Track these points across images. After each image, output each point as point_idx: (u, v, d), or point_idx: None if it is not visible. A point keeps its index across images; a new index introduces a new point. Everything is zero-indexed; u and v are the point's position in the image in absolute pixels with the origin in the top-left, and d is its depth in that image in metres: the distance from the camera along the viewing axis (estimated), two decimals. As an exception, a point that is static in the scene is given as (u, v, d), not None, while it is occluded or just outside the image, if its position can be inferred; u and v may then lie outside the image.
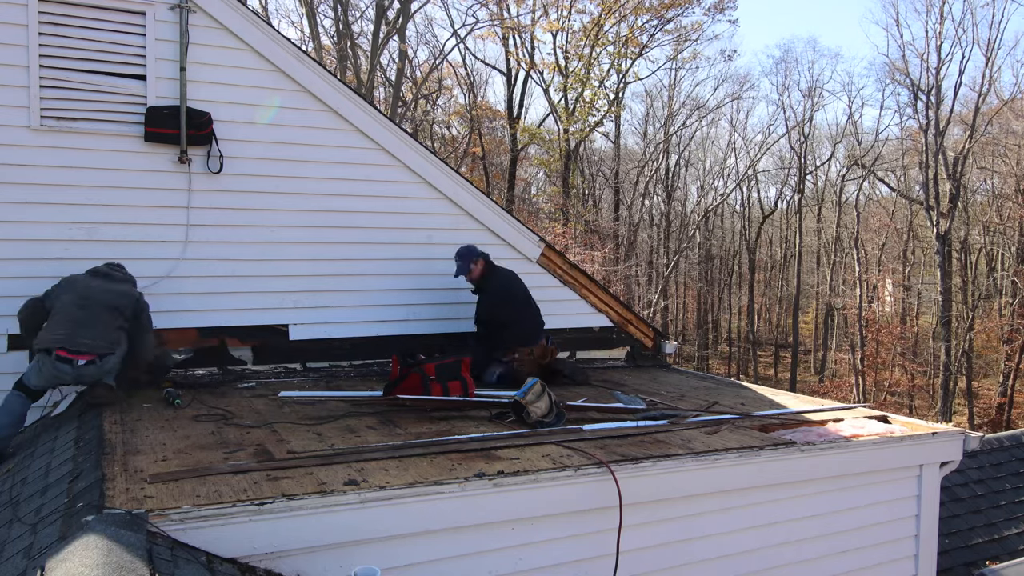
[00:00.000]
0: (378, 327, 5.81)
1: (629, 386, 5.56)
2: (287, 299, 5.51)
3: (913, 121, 30.69)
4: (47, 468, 3.30)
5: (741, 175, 37.44)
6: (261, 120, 5.36)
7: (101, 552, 2.00)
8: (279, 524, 2.58)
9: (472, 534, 2.98)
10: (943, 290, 26.82)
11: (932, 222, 27.36)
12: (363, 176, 5.71)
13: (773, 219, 41.93)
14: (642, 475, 3.27)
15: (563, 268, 6.53)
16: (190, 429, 3.71)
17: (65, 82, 4.86)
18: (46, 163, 4.83)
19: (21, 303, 4.74)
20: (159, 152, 5.10)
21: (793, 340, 35.76)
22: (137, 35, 5.02)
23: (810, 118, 35.56)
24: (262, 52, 5.29)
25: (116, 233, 5.02)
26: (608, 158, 34.44)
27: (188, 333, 5.25)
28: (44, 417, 4.60)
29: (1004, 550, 6.22)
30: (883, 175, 35.05)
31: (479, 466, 3.12)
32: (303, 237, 5.52)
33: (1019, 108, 28.77)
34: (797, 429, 4.22)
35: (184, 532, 2.43)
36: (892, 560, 4.23)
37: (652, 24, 26.59)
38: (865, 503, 4.07)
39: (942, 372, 26.27)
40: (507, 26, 25.34)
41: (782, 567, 3.82)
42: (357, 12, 24.93)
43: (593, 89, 26.48)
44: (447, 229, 6.02)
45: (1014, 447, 7.38)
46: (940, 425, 4.52)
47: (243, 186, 5.34)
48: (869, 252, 36.46)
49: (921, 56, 28.12)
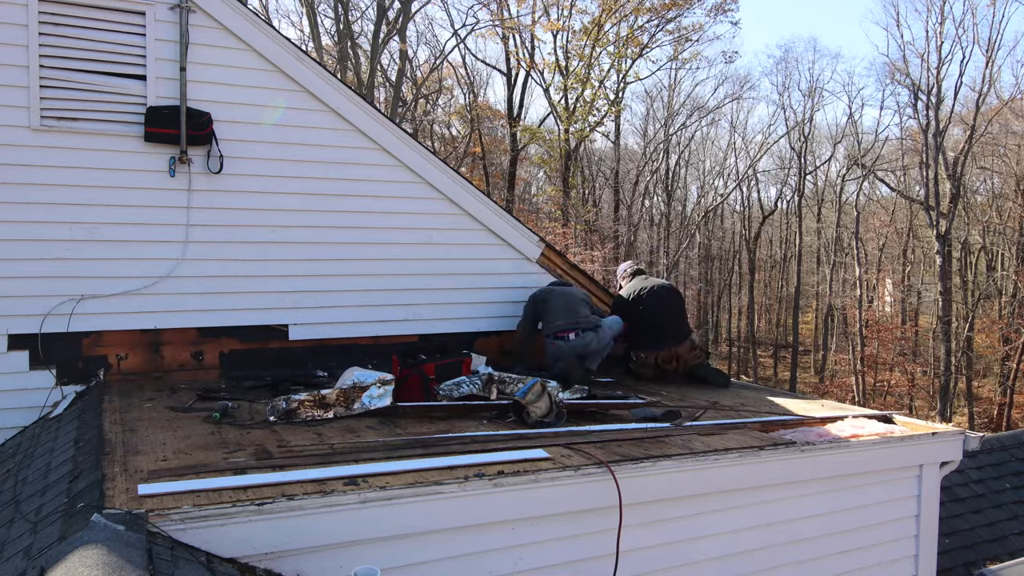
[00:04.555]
0: (378, 327, 5.81)
1: (629, 386, 5.56)
2: (287, 299, 5.51)
3: (913, 121, 30.73)
4: (47, 468, 3.30)
5: (741, 175, 37.48)
6: (263, 120, 5.36)
7: (101, 552, 2.00)
8: (279, 524, 2.58)
9: (472, 534, 2.98)
10: (943, 290, 26.82)
11: (932, 222, 27.37)
12: (363, 176, 5.71)
13: (773, 219, 41.94)
14: (642, 475, 3.27)
15: (563, 268, 6.53)
16: (190, 429, 3.71)
17: (65, 82, 4.86)
18: (46, 163, 4.83)
19: (22, 303, 4.76)
20: (159, 152, 5.10)
21: (793, 340, 35.74)
22: (137, 35, 5.02)
23: (810, 118, 35.59)
24: (262, 52, 5.29)
25: (116, 233, 5.02)
26: (608, 158, 34.47)
27: (188, 333, 5.25)
28: (44, 417, 4.60)
29: (1004, 550, 6.22)
30: (883, 175, 35.07)
31: (479, 466, 3.12)
32: (303, 237, 5.52)
33: (1019, 108, 28.78)
34: (797, 429, 4.23)
35: (184, 532, 2.43)
36: (892, 560, 4.24)
37: (653, 24, 26.62)
38: (865, 503, 4.07)
39: (942, 372, 26.27)
40: (507, 26, 25.36)
41: (782, 567, 3.82)
42: (357, 12, 24.97)
43: (593, 89, 26.49)
44: (447, 229, 6.02)
45: (1014, 447, 7.38)
46: (940, 425, 4.52)
47: (243, 186, 5.34)
48: (869, 252, 36.47)
49: (921, 56, 28.17)
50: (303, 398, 3.85)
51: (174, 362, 5.23)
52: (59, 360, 4.88)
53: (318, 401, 3.89)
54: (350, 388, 4.00)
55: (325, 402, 3.90)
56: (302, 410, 3.82)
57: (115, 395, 4.56)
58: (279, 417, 3.76)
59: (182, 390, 4.79)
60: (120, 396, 4.54)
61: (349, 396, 3.96)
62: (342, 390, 3.98)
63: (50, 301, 4.85)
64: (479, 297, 6.12)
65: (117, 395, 4.57)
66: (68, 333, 4.90)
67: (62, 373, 4.89)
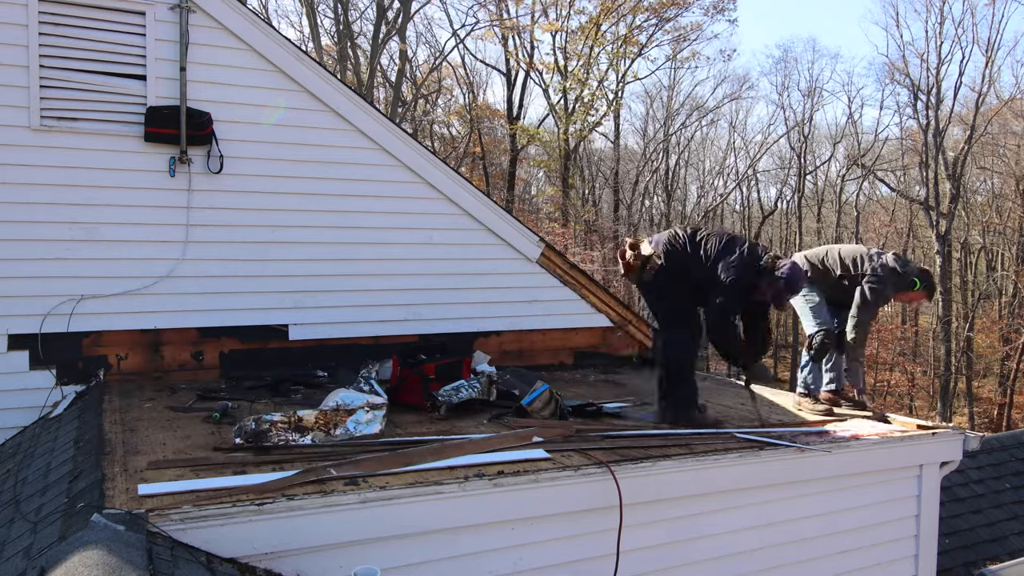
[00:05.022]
0: (378, 327, 5.81)
1: (629, 386, 5.56)
2: (287, 299, 5.51)
3: (913, 121, 30.69)
4: (47, 468, 3.30)
5: (741, 175, 37.44)
6: (263, 120, 5.36)
7: (101, 552, 2.00)
8: (279, 524, 2.58)
9: (472, 534, 2.98)
10: (943, 290, 26.80)
11: (932, 222, 27.35)
12: (363, 176, 5.71)
13: (773, 219, 41.87)
14: (642, 475, 3.27)
15: (563, 268, 6.53)
16: (190, 429, 3.71)
17: (65, 82, 4.86)
18: (46, 163, 4.83)
19: (22, 303, 4.76)
20: (159, 152, 5.10)
21: (793, 340, 35.74)
22: (137, 35, 5.02)
23: (810, 118, 35.52)
24: (262, 52, 5.29)
25: (116, 233, 5.02)
26: (608, 158, 34.44)
27: (188, 333, 5.25)
28: (44, 417, 4.60)
29: (1004, 550, 6.21)
30: (883, 175, 35.05)
31: (479, 466, 3.12)
32: (303, 237, 5.52)
33: (1019, 108, 28.78)
34: (797, 429, 4.22)
35: (184, 532, 2.43)
36: (892, 560, 4.24)
37: (651, 24, 26.59)
38: (865, 503, 4.07)
39: (942, 372, 26.27)
40: (506, 26, 25.34)
41: (782, 567, 3.82)
42: (357, 12, 24.95)
43: (592, 89, 26.47)
44: (447, 229, 6.02)
45: (1014, 447, 7.38)
46: (940, 425, 4.52)
47: (243, 186, 5.34)
48: (869, 252, 36.38)
49: (921, 56, 28.14)
50: (276, 419, 3.40)
51: (174, 362, 5.22)
52: (59, 360, 4.88)
53: (294, 424, 3.42)
54: (332, 411, 3.58)
55: (302, 425, 3.44)
56: (273, 432, 3.36)
57: (115, 395, 4.56)
58: (246, 439, 3.31)
59: (182, 390, 4.79)
60: (120, 396, 4.54)
61: (331, 420, 3.53)
62: (323, 412, 3.56)
63: (50, 301, 4.85)
64: (479, 297, 6.11)
65: (117, 395, 4.57)
66: (68, 333, 4.90)
67: (62, 373, 4.89)
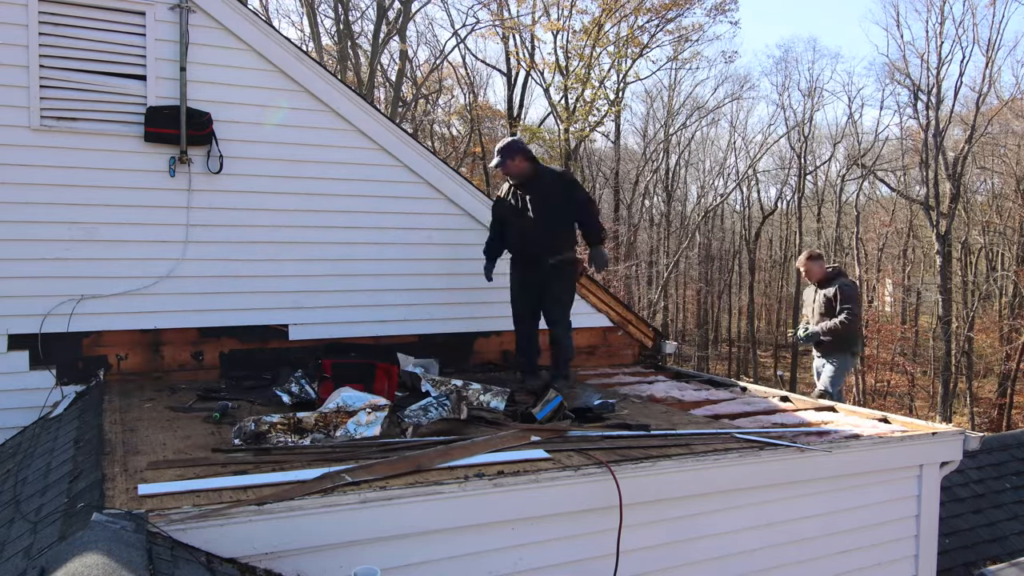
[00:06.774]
0: (378, 327, 5.81)
1: (628, 386, 5.56)
2: (287, 299, 5.51)
3: (913, 121, 30.72)
4: (47, 468, 3.30)
5: (741, 175, 37.45)
6: (263, 120, 5.36)
7: (101, 552, 2.00)
8: (279, 524, 2.58)
9: (472, 534, 2.98)
10: (943, 290, 26.82)
11: (932, 222, 27.36)
12: (363, 176, 5.71)
13: (773, 219, 41.89)
14: (642, 475, 3.27)
15: (563, 268, 6.52)
16: (190, 429, 3.71)
17: (65, 82, 4.86)
18: (46, 163, 4.83)
19: (22, 303, 4.76)
20: (159, 152, 5.10)
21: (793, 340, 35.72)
22: (137, 35, 5.02)
23: (810, 118, 35.56)
24: (262, 52, 5.29)
25: (116, 233, 5.03)
26: (608, 158, 34.46)
27: (188, 333, 5.25)
28: (44, 417, 4.60)
29: (1004, 550, 6.21)
30: (883, 175, 35.05)
31: (479, 466, 3.12)
32: (303, 237, 5.52)
33: (1019, 108, 28.79)
34: (797, 429, 4.22)
35: (184, 532, 2.43)
36: (892, 560, 4.23)
37: (653, 24, 26.59)
38: (865, 503, 4.06)
39: (942, 372, 26.27)
40: (507, 26, 25.35)
41: (782, 567, 3.82)
42: (358, 12, 24.95)
43: (593, 89, 26.46)
44: (447, 229, 6.02)
45: (1014, 447, 7.37)
46: (940, 425, 4.52)
47: (243, 186, 5.34)
48: (869, 252, 36.45)
49: (921, 56, 28.16)
50: (275, 420, 3.42)
51: (174, 362, 5.23)
52: (59, 360, 4.89)
53: (293, 425, 3.44)
54: (333, 412, 3.57)
55: (301, 426, 3.46)
56: (273, 434, 3.38)
57: (115, 395, 4.56)
58: (245, 441, 3.34)
59: (182, 390, 4.79)
60: (120, 396, 4.54)
61: (331, 421, 3.53)
62: (323, 414, 3.56)
63: (50, 301, 4.85)
64: (479, 297, 6.11)
65: (117, 395, 4.57)
66: (68, 333, 4.90)
67: (62, 373, 4.90)
